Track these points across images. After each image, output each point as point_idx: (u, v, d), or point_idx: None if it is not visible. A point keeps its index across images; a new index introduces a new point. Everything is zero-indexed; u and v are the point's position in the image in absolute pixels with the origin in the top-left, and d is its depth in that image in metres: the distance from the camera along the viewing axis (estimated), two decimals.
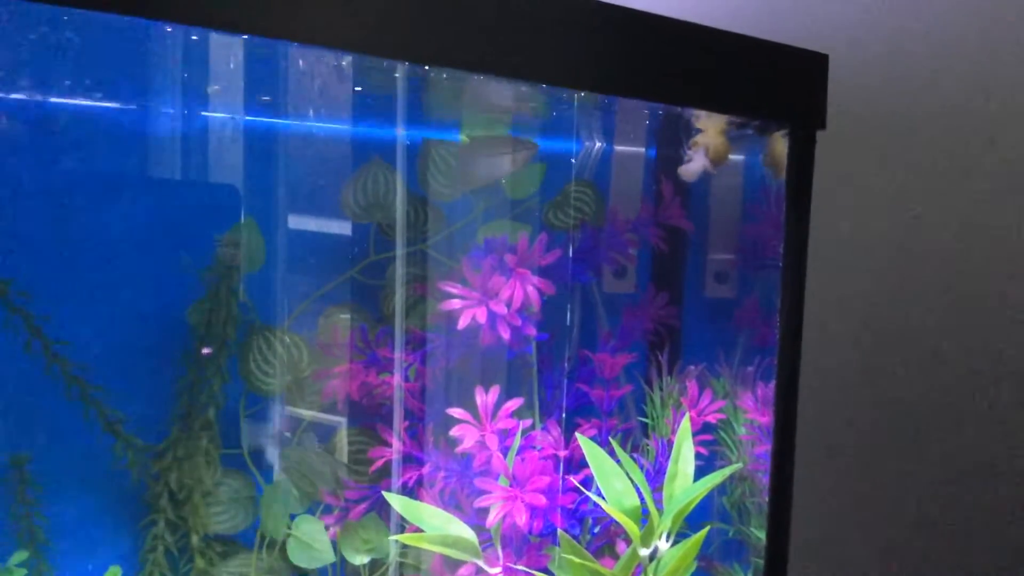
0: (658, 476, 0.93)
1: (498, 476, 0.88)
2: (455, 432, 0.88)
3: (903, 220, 1.28)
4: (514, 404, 0.89)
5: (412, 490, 0.90)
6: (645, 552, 0.87)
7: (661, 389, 1.01)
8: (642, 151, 1.07)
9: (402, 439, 0.90)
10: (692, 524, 0.91)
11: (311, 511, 0.89)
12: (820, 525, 1.29)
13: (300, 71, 0.81)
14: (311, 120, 0.90)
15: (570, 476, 0.91)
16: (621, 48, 0.77)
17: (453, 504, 0.90)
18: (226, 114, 0.86)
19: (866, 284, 1.29)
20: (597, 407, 0.98)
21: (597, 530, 0.95)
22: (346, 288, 0.92)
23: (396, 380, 0.90)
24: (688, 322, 1.07)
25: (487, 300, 0.89)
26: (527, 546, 0.90)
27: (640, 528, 0.86)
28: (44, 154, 0.81)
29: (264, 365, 0.88)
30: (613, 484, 0.87)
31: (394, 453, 0.90)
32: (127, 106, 0.84)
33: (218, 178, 0.88)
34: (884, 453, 1.31)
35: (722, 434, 1.01)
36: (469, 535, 0.85)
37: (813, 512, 1.25)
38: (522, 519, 0.86)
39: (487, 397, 0.89)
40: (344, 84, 0.84)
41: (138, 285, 0.86)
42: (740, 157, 1.06)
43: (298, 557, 0.88)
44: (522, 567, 0.89)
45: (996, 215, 1.28)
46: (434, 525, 0.86)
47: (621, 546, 0.93)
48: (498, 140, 0.94)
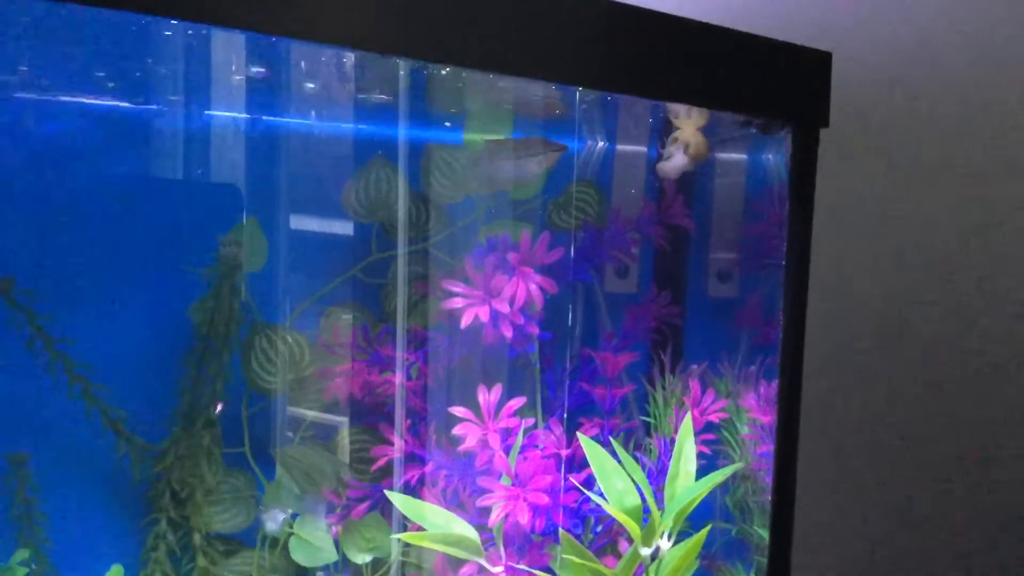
0: (661, 475, 0.93)
1: (500, 475, 0.88)
2: (457, 431, 0.88)
3: (906, 218, 1.28)
4: (516, 403, 0.89)
5: (414, 489, 0.90)
6: (647, 551, 0.86)
7: (663, 388, 1.01)
8: (644, 150, 1.07)
9: (404, 438, 0.90)
10: (694, 523, 0.91)
11: (313, 509, 0.89)
12: (823, 524, 1.29)
13: (303, 69, 0.81)
14: (313, 119, 0.90)
15: (571, 476, 0.91)
16: (624, 45, 0.77)
17: (455, 503, 0.90)
18: (228, 112, 0.86)
19: (868, 283, 1.29)
20: (599, 406, 0.97)
21: (599, 529, 0.95)
22: (348, 287, 0.92)
23: (398, 379, 0.90)
24: (690, 321, 1.07)
25: (490, 299, 0.89)
26: (529, 545, 0.90)
27: (642, 527, 0.86)
28: (46, 153, 0.81)
29: (266, 364, 0.88)
30: (614, 483, 0.87)
31: (396, 452, 0.90)
32: (129, 104, 0.84)
33: (220, 177, 0.88)
34: (887, 452, 1.31)
35: (725, 433, 1.01)
36: (471, 534, 0.85)
37: (816, 511, 1.25)
38: (524, 518, 0.86)
39: (489, 396, 0.89)
40: (346, 82, 0.84)
41: (140, 284, 0.86)
42: (743, 156, 1.06)
43: (300, 556, 0.88)
44: (524, 566, 0.88)
45: (998, 214, 1.28)
46: (436, 524, 0.86)
47: (623, 545, 0.93)
48: (528, 141, 0.94)
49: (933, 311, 1.29)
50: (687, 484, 0.89)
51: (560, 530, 0.89)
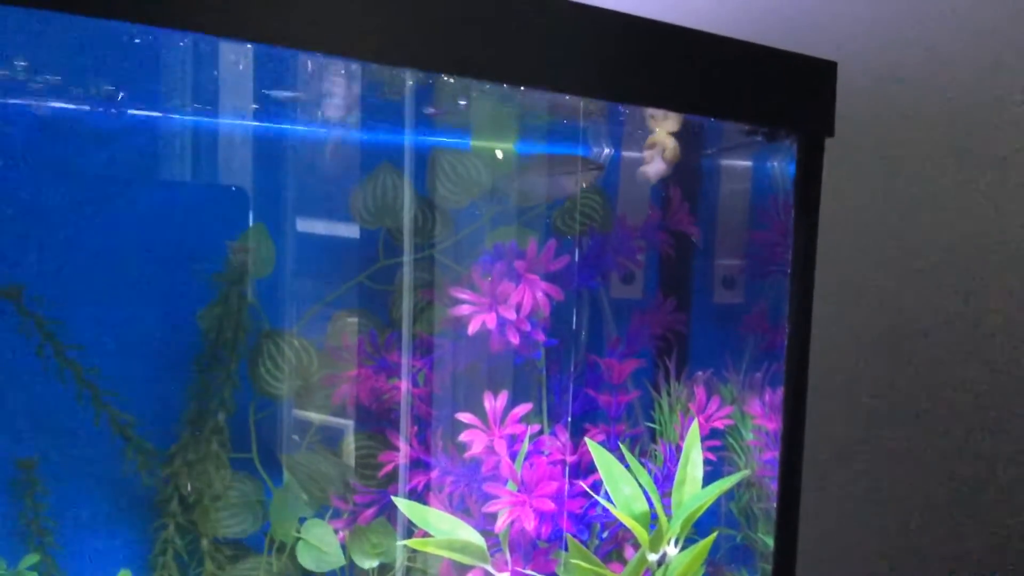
0: (666, 481, 0.93)
1: (506, 481, 0.88)
2: (464, 437, 0.89)
3: (911, 226, 1.28)
4: (523, 409, 0.90)
5: (421, 495, 0.90)
6: (654, 557, 0.87)
7: (669, 394, 1.01)
8: None
9: (411, 444, 0.90)
10: (700, 529, 0.91)
11: (320, 515, 0.89)
12: (828, 532, 1.29)
13: (310, 77, 0.82)
14: (321, 125, 0.90)
15: (579, 481, 0.92)
16: (630, 56, 0.78)
17: (461, 509, 0.90)
18: (236, 119, 0.87)
19: (874, 290, 1.29)
20: (605, 412, 0.98)
21: (605, 535, 0.95)
22: (355, 293, 0.93)
23: (404, 385, 0.91)
24: (696, 327, 1.07)
25: (497, 306, 0.89)
26: (535, 551, 0.90)
27: (649, 533, 0.86)
28: (56, 159, 0.81)
29: (274, 369, 0.89)
30: (622, 489, 0.87)
31: (403, 458, 0.90)
32: (137, 111, 0.84)
33: (228, 183, 0.88)
34: (893, 460, 1.31)
35: (730, 440, 1.01)
36: (477, 540, 0.86)
37: (821, 518, 1.25)
38: (530, 524, 0.86)
39: (496, 402, 0.89)
40: (353, 90, 0.85)
41: (149, 290, 0.86)
42: (748, 163, 1.07)
43: (307, 561, 0.88)
44: (530, 572, 0.89)
45: (1003, 220, 1.28)
46: (442, 530, 0.86)
47: (629, 551, 0.94)
48: (567, 159, 0.95)
49: (940, 317, 1.29)
50: (694, 491, 0.89)
51: (567, 536, 0.89)
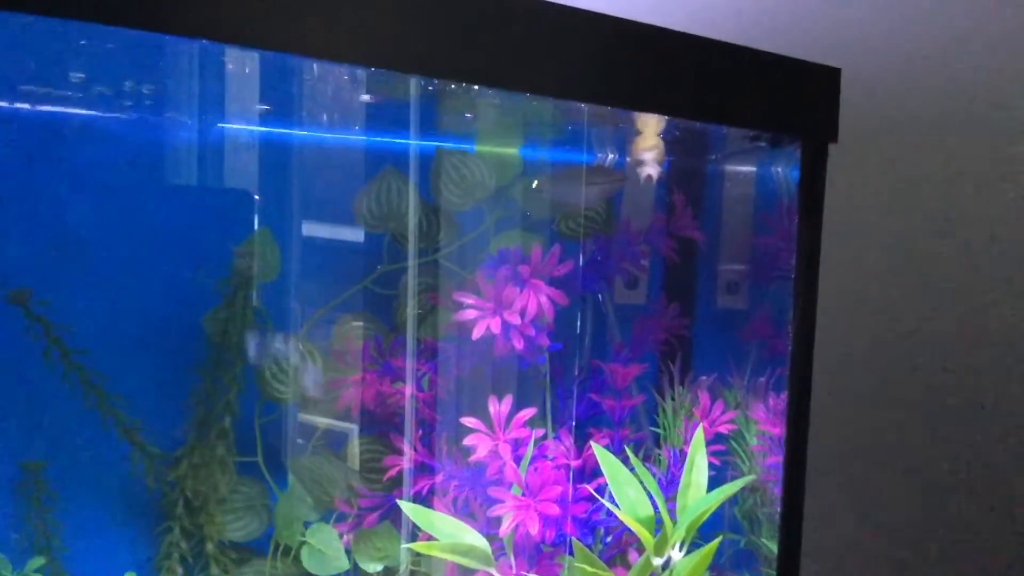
0: (670, 486, 0.94)
1: (511, 485, 0.89)
2: (468, 441, 0.89)
3: (914, 231, 1.28)
4: (527, 414, 0.90)
5: (425, 499, 0.90)
6: (659, 561, 0.87)
7: (673, 399, 1.01)
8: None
9: (415, 448, 0.90)
10: (703, 534, 0.91)
11: (325, 518, 0.90)
12: (832, 537, 1.29)
13: (315, 82, 0.82)
14: (325, 131, 0.91)
15: (587, 485, 0.92)
16: (633, 63, 0.78)
17: (466, 513, 0.90)
18: (241, 125, 0.87)
19: (878, 295, 1.29)
20: (609, 417, 0.98)
21: (609, 540, 0.95)
22: (360, 298, 0.93)
23: (409, 390, 0.91)
24: (699, 332, 1.07)
25: (501, 310, 0.89)
26: (539, 555, 0.90)
27: (653, 537, 0.86)
28: (65, 165, 0.82)
29: (279, 374, 0.89)
30: (627, 493, 0.87)
31: (407, 462, 0.90)
32: (145, 117, 0.85)
33: (234, 189, 0.89)
34: (896, 465, 1.31)
35: (734, 445, 1.02)
36: (482, 544, 0.86)
37: (825, 524, 1.25)
38: (534, 528, 0.86)
39: (500, 407, 0.89)
40: (357, 94, 0.85)
41: (155, 294, 0.87)
42: (752, 169, 1.07)
43: (312, 564, 0.89)
44: None
45: (1007, 226, 1.28)
46: (447, 533, 0.86)
47: (633, 556, 0.94)
48: (594, 169, 0.96)
49: (943, 323, 1.29)
50: (699, 495, 0.89)
51: (573, 540, 0.89)
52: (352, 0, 0.64)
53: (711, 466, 0.92)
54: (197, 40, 0.63)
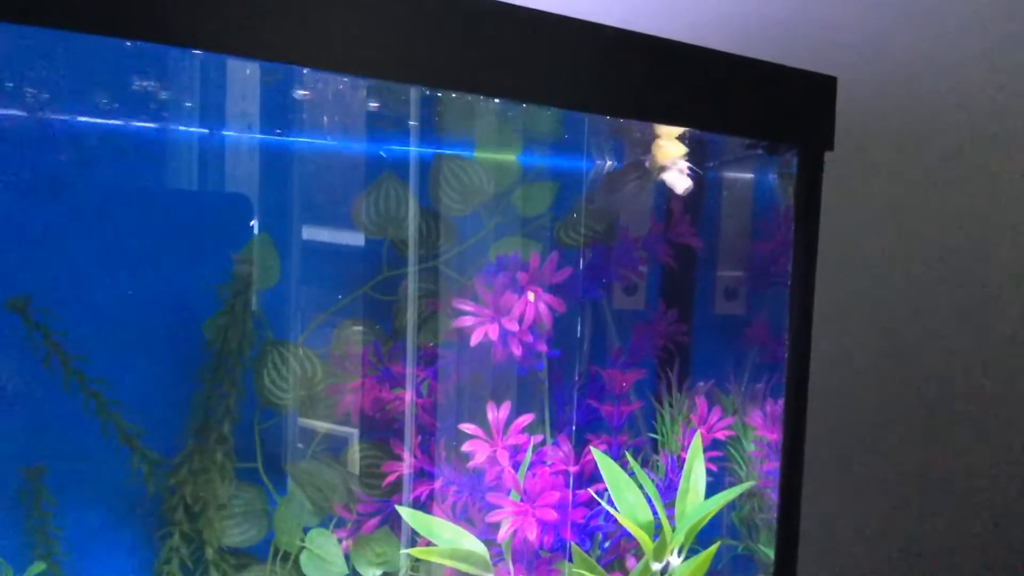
0: (668, 492, 0.94)
1: (509, 491, 0.89)
2: (467, 447, 0.89)
3: (911, 237, 1.29)
4: (525, 420, 0.90)
5: (424, 504, 0.90)
6: (658, 566, 0.87)
7: (671, 405, 1.02)
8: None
9: (414, 454, 0.91)
10: (701, 539, 0.92)
11: (324, 524, 0.90)
12: (829, 543, 1.30)
13: (314, 90, 0.83)
14: (324, 137, 0.91)
15: (587, 489, 0.92)
16: (633, 72, 0.78)
17: (465, 518, 0.90)
18: (241, 132, 0.87)
19: (874, 302, 1.30)
20: (607, 423, 0.98)
21: (607, 545, 0.95)
22: (359, 303, 0.93)
23: (408, 395, 0.91)
24: (697, 339, 1.07)
25: (499, 317, 0.90)
26: (538, 561, 0.91)
27: (652, 542, 0.87)
28: (63, 171, 0.82)
29: (278, 380, 0.89)
30: (627, 498, 0.88)
31: (406, 468, 0.90)
32: (144, 124, 0.85)
33: (233, 195, 0.89)
34: (893, 471, 1.31)
35: (731, 451, 1.02)
36: (480, 549, 0.86)
37: (822, 530, 1.25)
38: (533, 534, 0.86)
39: (498, 413, 0.90)
40: (358, 102, 0.85)
41: (154, 300, 0.87)
42: (750, 176, 1.07)
43: (311, 570, 0.89)
44: None
45: (1005, 232, 1.29)
46: (446, 539, 0.86)
47: (631, 561, 0.94)
48: (628, 167, 0.96)
49: (941, 329, 1.29)
50: (697, 501, 0.90)
51: (572, 545, 0.90)
52: (354, 11, 0.64)
53: (708, 472, 0.93)
54: (201, 52, 0.64)
